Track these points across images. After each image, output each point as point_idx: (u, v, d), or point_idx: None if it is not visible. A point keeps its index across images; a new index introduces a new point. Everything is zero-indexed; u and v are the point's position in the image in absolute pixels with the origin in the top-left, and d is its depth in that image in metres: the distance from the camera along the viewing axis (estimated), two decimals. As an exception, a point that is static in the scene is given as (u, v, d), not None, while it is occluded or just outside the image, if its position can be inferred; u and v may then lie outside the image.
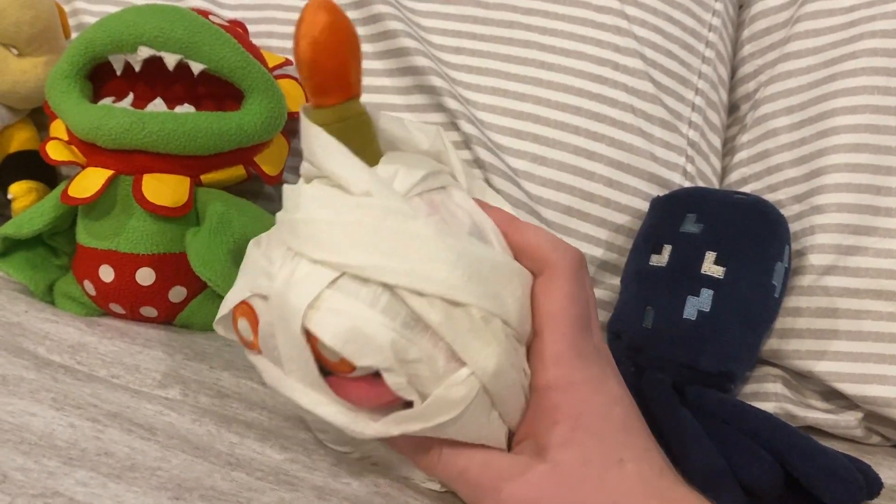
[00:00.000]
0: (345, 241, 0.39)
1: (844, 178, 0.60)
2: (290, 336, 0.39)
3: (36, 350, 0.53)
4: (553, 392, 0.40)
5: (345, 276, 0.38)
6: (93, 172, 0.58)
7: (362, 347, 0.37)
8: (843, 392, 0.57)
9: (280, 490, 0.42)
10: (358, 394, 0.39)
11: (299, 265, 0.39)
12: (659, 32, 0.68)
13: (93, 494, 0.39)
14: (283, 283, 0.39)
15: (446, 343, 0.38)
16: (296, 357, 0.39)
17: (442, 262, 0.38)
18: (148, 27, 0.57)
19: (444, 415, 0.38)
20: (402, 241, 0.39)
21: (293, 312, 0.38)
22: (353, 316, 0.38)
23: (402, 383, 0.38)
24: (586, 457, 0.38)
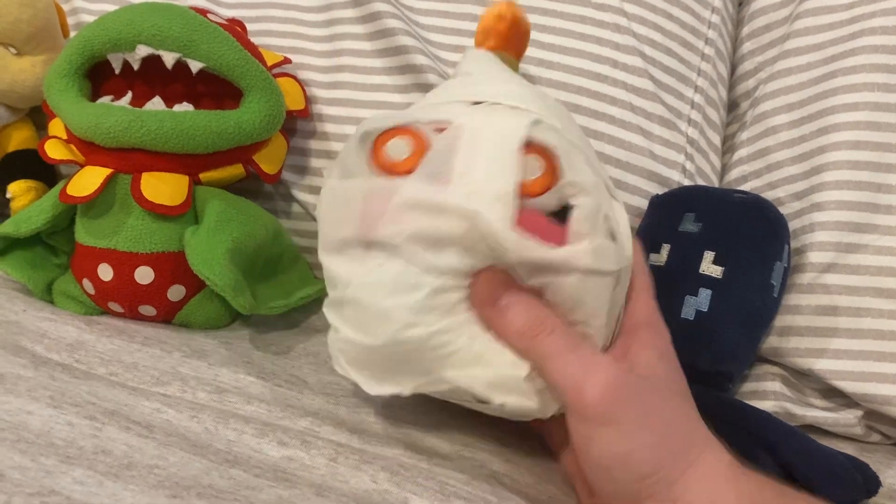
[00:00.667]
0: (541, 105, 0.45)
1: (844, 176, 0.60)
2: (494, 147, 0.41)
3: (34, 348, 0.53)
4: (646, 328, 0.45)
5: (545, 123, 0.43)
6: (91, 171, 0.58)
7: (575, 165, 0.41)
8: (843, 390, 0.57)
9: (278, 487, 0.41)
10: (529, 220, 0.40)
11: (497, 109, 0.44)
12: (658, 30, 0.68)
13: (90, 493, 0.39)
14: (485, 114, 0.43)
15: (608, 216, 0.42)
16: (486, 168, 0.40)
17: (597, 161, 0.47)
18: (146, 25, 0.57)
19: (605, 264, 0.41)
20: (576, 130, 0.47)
21: (514, 127, 0.42)
22: (567, 141, 0.43)
23: (589, 209, 0.41)
24: (669, 376, 0.43)
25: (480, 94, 0.45)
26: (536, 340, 0.41)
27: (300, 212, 0.69)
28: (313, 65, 0.69)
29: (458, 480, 0.45)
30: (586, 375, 0.39)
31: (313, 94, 0.68)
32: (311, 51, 0.70)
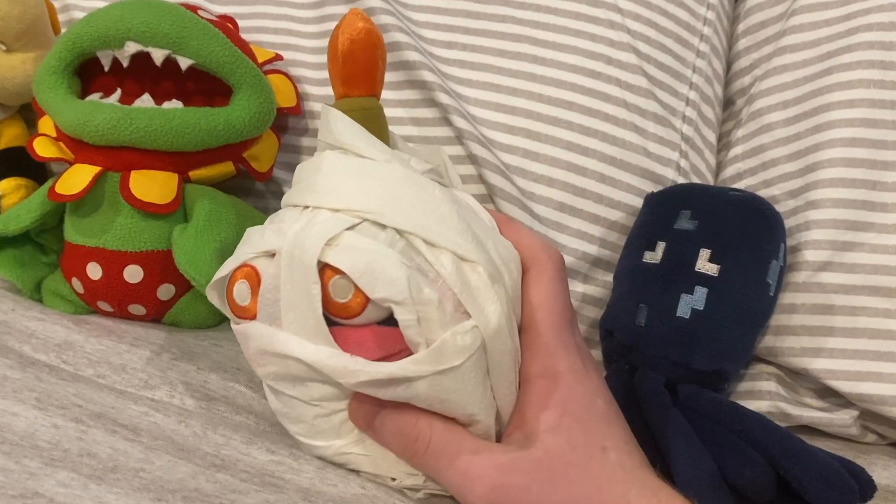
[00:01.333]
0: (367, 193, 0.42)
1: (840, 173, 0.59)
2: (299, 277, 0.40)
3: (21, 349, 0.52)
4: (541, 380, 0.42)
5: (365, 222, 0.41)
6: (80, 169, 0.57)
7: (379, 278, 0.39)
8: (838, 390, 0.56)
9: (265, 492, 0.41)
10: (361, 341, 0.40)
11: (317, 216, 0.41)
12: (653, 26, 0.67)
13: (74, 496, 0.38)
14: (298, 230, 0.41)
15: (454, 294, 0.40)
16: (300, 301, 0.40)
17: (455, 226, 0.42)
18: (135, 22, 0.57)
19: (448, 361, 0.39)
20: (421, 200, 0.42)
21: (310, 248, 0.39)
22: (372, 252, 0.39)
23: (413, 321, 0.39)
24: (573, 443, 0.40)
25: (306, 197, 0.43)
26: (416, 459, 0.41)
27: (292, 210, 0.68)
28: (305, 62, 0.69)
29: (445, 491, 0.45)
30: (469, 485, 0.39)
31: (305, 91, 0.68)
32: (303, 47, 0.69)
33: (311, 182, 0.43)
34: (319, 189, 0.42)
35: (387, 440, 0.42)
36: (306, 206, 0.42)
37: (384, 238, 0.40)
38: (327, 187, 0.42)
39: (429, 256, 0.40)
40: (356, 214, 0.41)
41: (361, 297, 0.39)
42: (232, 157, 0.61)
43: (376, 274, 0.39)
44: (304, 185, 0.44)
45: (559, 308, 0.44)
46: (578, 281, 0.63)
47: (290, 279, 0.40)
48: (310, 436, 0.45)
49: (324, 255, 0.39)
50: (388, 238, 0.40)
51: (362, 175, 0.43)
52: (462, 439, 0.41)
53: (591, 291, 0.64)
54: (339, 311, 0.40)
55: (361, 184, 0.42)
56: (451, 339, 0.39)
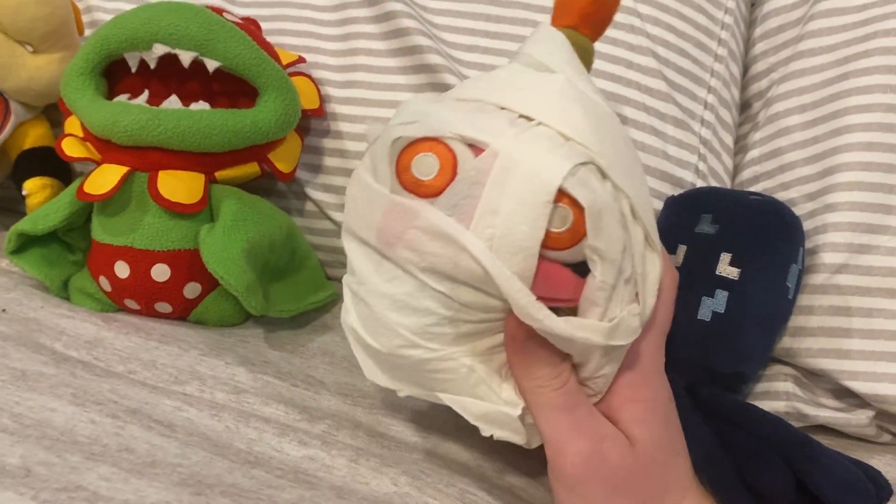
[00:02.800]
0: (598, 135, 0.39)
1: (857, 177, 0.60)
2: (525, 190, 0.37)
3: (53, 346, 0.53)
4: (633, 373, 0.42)
5: (593, 164, 0.38)
6: (108, 169, 0.58)
7: (605, 229, 0.37)
8: (855, 390, 0.57)
9: (300, 488, 0.42)
10: (547, 276, 0.38)
11: (547, 134, 0.38)
12: (672, 30, 0.68)
13: (115, 489, 0.39)
14: (529, 141, 0.38)
15: (635, 273, 0.40)
16: (513, 213, 0.37)
17: (650, 204, 0.42)
18: (163, 24, 0.58)
19: (619, 339, 0.39)
20: (635, 165, 0.42)
21: (552, 168, 0.37)
22: (605, 199, 0.38)
23: (609, 284, 0.38)
24: (658, 441, 0.41)
25: (531, 108, 0.39)
26: (540, 390, 0.41)
27: (314, 210, 0.69)
28: (327, 64, 0.69)
29: (479, 489, 0.45)
30: (569, 441, 0.40)
31: (327, 93, 0.68)
32: (325, 50, 0.70)
33: (539, 95, 0.40)
34: (551, 107, 0.39)
35: (528, 363, 0.41)
36: (525, 116, 0.39)
37: (609, 189, 0.38)
38: (561, 109, 0.39)
39: (630, 226, 0.39)
40: (587, 154, 0.38)
41: (576, 236, 0.38)
42: (257, 158, 0.62)
43: (604, 223, 0.37)
44: (527, 94, 0.40)
45: (665, 317, 0.44)
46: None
47: (507, 186, 0.37)
48: (422, 334, 0.41)
49: (567, 182, 0.37)
50: (612, 191, 0.39)
51: (596, 114, 0.40)
52: (585, 395, 0.42)
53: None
54: (545, 238, 0.37)
55: (595, 123, 0.40)
56: (627, 318, 0.39)
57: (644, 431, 0.41)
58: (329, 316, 0.65)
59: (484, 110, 0.40)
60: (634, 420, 0.41)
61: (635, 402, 0.42)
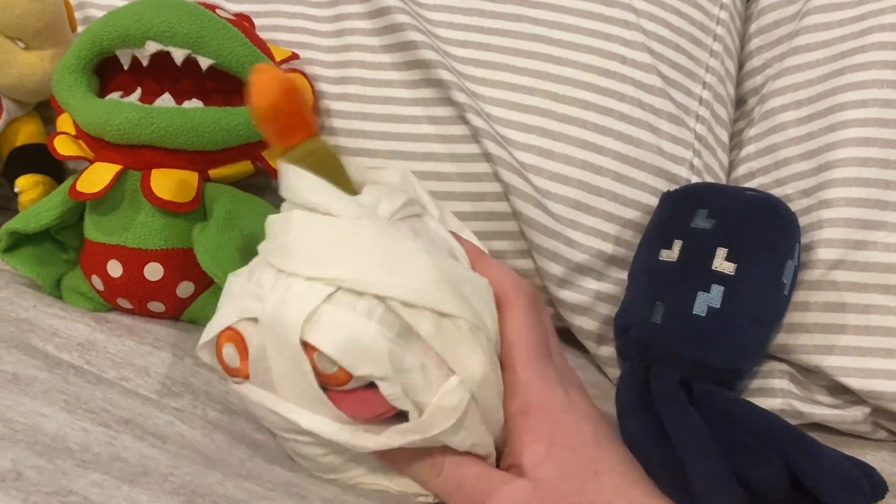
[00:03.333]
0: (339, 258, 0.41)
1: (853, 173, 0.60)
2: (286, 352, 0.40)
3: (45, 348, 0.53)
4: (525, 416, 0.43)
5: (340, 290, 0.40)
6: (101, 167, 0.58)
7: (361, 356, 0.39)
8: (851, 387, 0.57)
9: (291, 500, 0.42)
10: (353, 405, 0.41)
11: (293, 284, 0.41)
12: (667, 26, 0.68)
13: (107, 495, 0.39)
14: (276, 303, 0.41)
15: (436, 352, 0.41)
16: (292, 374, 0.41)
17: (430, 279, 0.41)
18: (156, 22, 0.57)
19: (442, 424, 0.40)
20: (394, 258, 0.41)
21: (290, 327, 0.40)
22: (351, 327, 0.39)
23: (398, 393, 0.40)
24: (564, 472, 0.41)
25: (280, 259, 0.42)
26: (429, 484, 0.43)
27: (308, 207, 0.69)
28: (321, 60, 0.69)
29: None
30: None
31: (321, 89, 0.68)
32: (318, 46, 0.69)
33: (283, 245, 0.43)
34: (292, 254, 0.42)
35: (402, 466, 0.44)
36: (281, 271, 0.42)
37: (362, 306, 0.40)
38: (300, 253, 0.42)
39: (408, 318, 0.40)
40: (331, 282, 0.40)
41: (346, 371, 0.40)
42: (251, 156, 0.61)
43: (357, 351, 0.39)
44: (277, 245, 0.43)
45: (532, 342, 0.44)
46: (592, 278, 0.64)
47: (278, 352, 0.41)
48: (322, 471, 0.46)
49: (304, 333, 0.39)
50: (367, 306, 0.40)
51: (332, 238, 0.42)
52: (469, 465, 0.42)
53: (606, 289, 0.64)
54: (328, 380, 0.40)
55: (333, 248, 0.42)
56: (440, 402, 0.40)
57: (545, 470, 0.41)
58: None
59: (260, 271, 0.43)
60: (534, 463, 0.41)
61: (533, 444, 0.42)
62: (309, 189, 0.44)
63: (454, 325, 0.41)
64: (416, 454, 0.42)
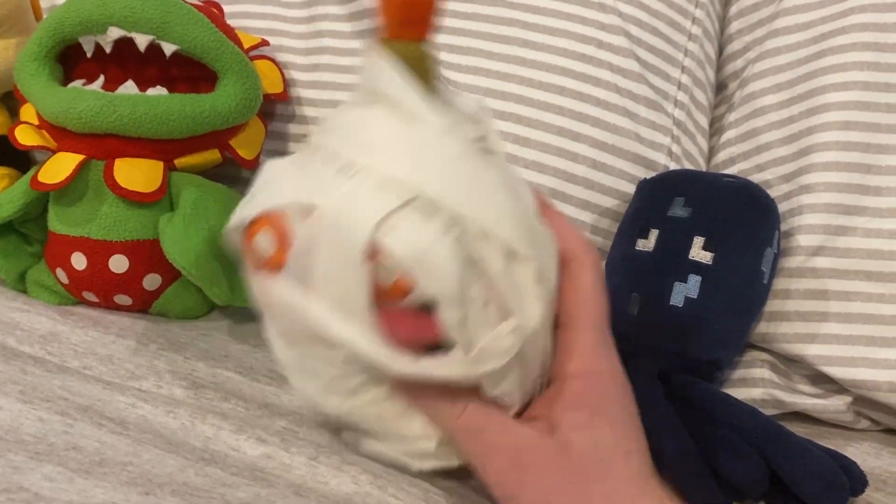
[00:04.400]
0: (423, 166, 0.38)
1: (834, 157, 0.59)
2: (344, 250, 0.37)
3: (5, 341, 0.51)
4: (578, 380, 0.41)
5: (418, 199, 0.37)
6: (63, 157, 0.56)
7: (432, 272, 0.36)
8: (832, 376, 0.56)
9: (255, 486, 0.40)
10: (400, 324, 0.38)
11: (366, 181, 0.37)
12: (644, 9, 0.66)
13: (59, 489, 0.38)
14: (345, 196, 0.37)
15: (500, 291, 0.38)
16: (342, 275, 0.37)
17: (509, 214, 0.39)
18: (118, 7, 0.56)
19: (490, 365, 0.38)
20: (477, 183, 0.39)
21: (361, 223, 0.36)
22: (428, 239, 0.36)
23: (455, 321, 0.37)
24: (600, 443, 0.39)
25: (354, 151, 0.39)
26: (447, 423, 0.41)
27: (280, 198, 0.67)
28: (292, 47, 0.68)
29: (443, 489, 0.44)
30: (485, 461, 0.40)
31: (292, 76, 0.67)
32: (289, 32, 0.68)
33: (359, 136, 0.39)
34: (371, 148, 0.39)
35: (422, 402, 0.41)
36: (351, 165, 0.38)
37: (438, 222, 0.37)
38: (380, 148, 0.39)
39: (480, 247, 0.38)
40: (410, 189, 0.37)
41: (407, 285, 0.37)
42: (218, 145, 0.60)
43: (429, 265, 0.36)
44: (349, 135, 0.40)
45: (598, 306, 0.43)
46: (569, 268, 0.63)
47: (332, 250, 0.37)
48: (323, 393, 0.42)
49: (376, 234, 0.36)
50: (442, 222, 0.37)
51: (419, 144, 0.39)
52: (492, 412, 0.41)
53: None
54: (381, 292, 0.37)
55: (418, 153, 0.38)
56: (492, 344, 0.38)
57: (583, 437, 0.39)
58: (297, 306, 0.63)
59: (318, 162, 0.40)
60: (572, 427, 0.40)
61: (577, 410, 0.40)
62: (402, 87, 0.40)
63: (522, 268, 0.39)
64: (441, 389, 0.40)
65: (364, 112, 0.40)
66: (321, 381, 0.42)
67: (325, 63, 0.66)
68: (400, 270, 0.36)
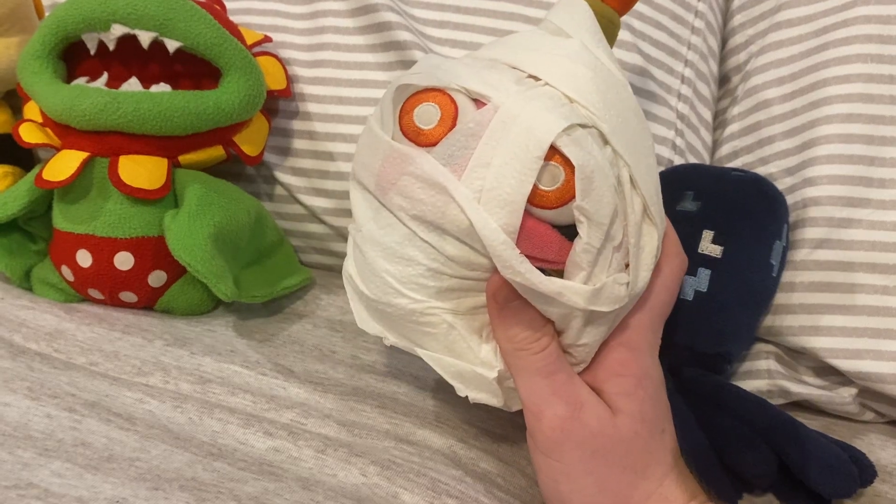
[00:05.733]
0: (605, 101, 0.40)
1: (837, 150, 0.59)
2: (519, 144, 0.37)
3: (12, 338, 0.51)
4: (624, 349, 0.42)
5: (594, 128, 0.39)
6: (67, 155, 0.56)
7: (596, 191, 0.37)
8: (838, 368, 0.56)
9: (263, 480, 0.41)
10: (538, 233, 0.38)
11: (551, 95, 0.39)
12: (647, 3, 0.66)
13: (68, 485, 0.38)
14: (531, 98, 0.38)
15: (628, 242, 0.40)
16: (503, 168, 0.37)
17: (655, 177, 0.42)
18: (121, 4, 0.56)
19: (602, 305, 0.39)
20: (642, 136, 0.42)
21: (547, 124, 0.37)
22: (599, 162, 0.38)
23: (594, 248, 0.38)
24: (644, 416, 0.41)
25: (540, 68, 0.40)
26: (522, 355, 0.40)
27: (283, 194, 0.67)
28: (295, 43, 0.67)
29: (451, 478, 0.44)
30: (546, 406, 0.40)
31: (295, 72, 0.67)
32: (292, 29, 0.68)
33: (549, 57, 0.40)
34: (560, 69, 0.40)
35: (509, 324, 0.40)
36: (533, 76, 0.40)
37: (608, 154, 0.39)
38: (569, 72, 0.40)
39: (628, 195, 0.39)
40: (589, 117, 0.39)
41: (565, 195, 0.38)
42: (222, 141, 0.60)
43: (595, 185, 0.37)
44: (538, 55, 0.41)
45: (665, 300, 0.44)
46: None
47: (502, 140, 0.37)
48: (406, 283, 0.41)
49: (559, 139, 0.37)
50: (610, 155, 0.39)
51: (604, 81, 0.41)
52: (565, 361, 0.41)
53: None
54: (537, 195, 0.38)
55: (602, 89, 0.40)
56: (612, 285, 0.39)
57: (629, 404, 0.41)
58: (301, 303, 0.63)
59: (495, 68, 0.40)
60: (619, 392, 0.41)
61: (622, 377, 0.42)
62: (597, 36, 0.43)
63: (649, 232, 0.41)
64: (532, 317, 0.40)
65: (554, 40, 0.42)
66: (412, 271, 0.41)
67: (327, 59, 0.66)
68: (564, 180, 0.37)
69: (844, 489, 0.45)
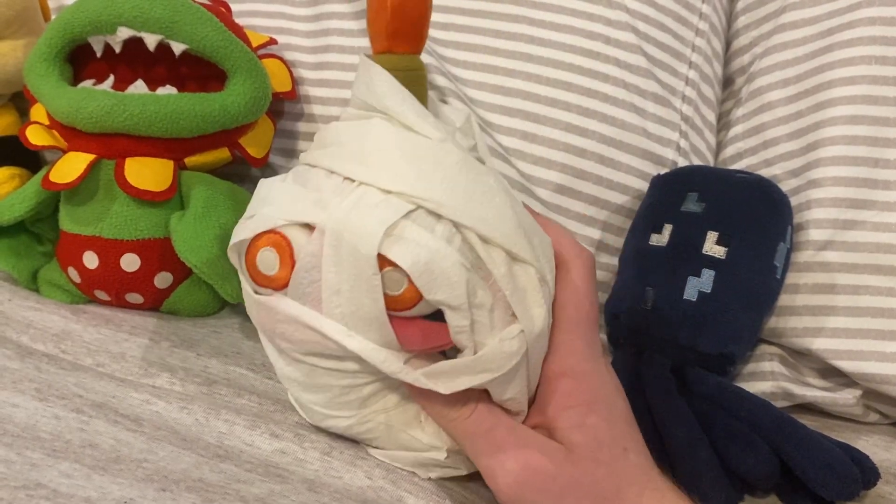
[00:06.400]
0: (422, 177, 0.39)
1: (842, 151, 0.59)
2: (351, 265, 0.37)
3: (19, 339, 0.52)
4: (566, 379, 0.42)
5: (420, 210, 0.38)
6: (74, 157, 0.56)
7: (439, 280, 0.37)
8: (842, 369, 0.56)
9: (270, 482, 0.41)
10: (412, 333, 0.39)
11: (367, 195, 0.38)
12: (651, 5, 0.66)
13: (77, 486, 0.38)
14: (348, 211, 0.38)
15: (504, 295, 0.39)
16: (352, 289, 0.38)
17: (509, 219, 0.40)
18: (127, 7, 0.56)
19: (498, 368, 0.39)
20: (477, 190, 0.39)
21: (367, 238, 0.37)
22: (433, 248, 0.37)
23: (465, 326, 0.38)
24: (599, 442, 0.40)
25: (351, 167, 0.40)
26: (457, 424, 0.41)
27: (289, 196, 0.67)
28: (300, 45, 0.68)
29: (456, 483, 0.44)
30: (497, 464, 0.40)
31: (300, 75, 0.67)
32: (297, 31, 0.68)
33: (357, 152, 0.40)
34: (370, 163, 0.39)
35: (433, 404, 0.41)
36: (350, 179, 0.39)
37: (441, 230, 0.38)
38: (379, 163, 0.39)
39: (483, 254, 0.39)
40: (411, 200, 0.38)
41: (416, 293, 0.38)
42: (227, 143, 0.60)
43: (436, 274, 0.37)
44: (347, 152, 0.40)
45: (585, 308, 0.43)
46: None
47: (340, 264, 0.38)
48: (331, 406, 0.43)
49: (383, 247, 0.37)
50: (445, 231, 0.38)
51: (417, 155, 0.40)
52: (501, 413, 0.41)
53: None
54: (390, 302, 0.38)
55: (417, 165, 0.39)
56: (499, 346, 0.39)
57: (582, 436, 0.40)
58: (306, 303, 0.63)
59: (315, 178, 0.41)
60: (571, 426, 0.41)
61: (571, 408, 0.41)
62: (397, 98, 0.41)
63: (525, 272, 0.40)
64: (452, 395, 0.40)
65: (359, 126, 0.41)
66: (330, 394, 0.43)
67: (332, 61, 0.66)
68: (408, 280, 0.37)
69: (846, 491, 0.45)
